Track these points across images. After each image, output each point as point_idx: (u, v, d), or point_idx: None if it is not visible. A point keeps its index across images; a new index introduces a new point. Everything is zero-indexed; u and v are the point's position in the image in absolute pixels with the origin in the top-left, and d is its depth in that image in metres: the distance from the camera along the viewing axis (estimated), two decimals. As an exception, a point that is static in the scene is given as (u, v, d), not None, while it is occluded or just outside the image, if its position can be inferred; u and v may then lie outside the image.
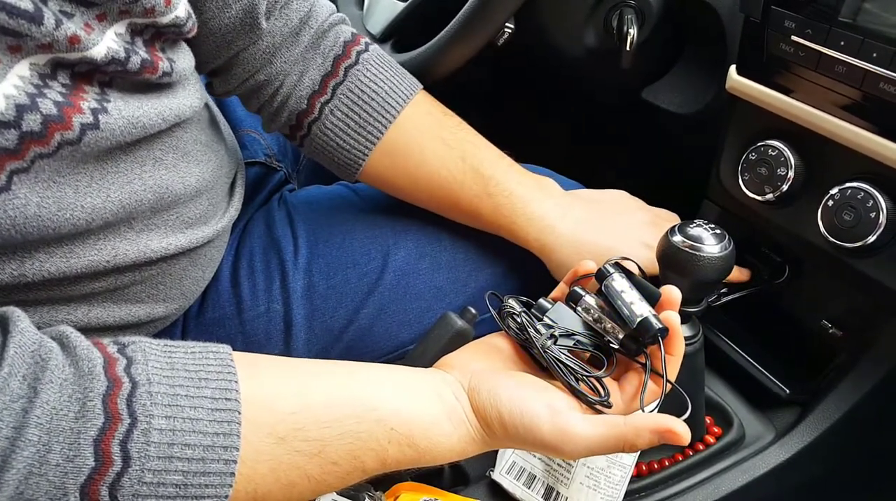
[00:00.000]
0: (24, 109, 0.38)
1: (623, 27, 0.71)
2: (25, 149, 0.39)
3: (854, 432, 0.64)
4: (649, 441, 0.44)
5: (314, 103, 0.61)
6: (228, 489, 0.38)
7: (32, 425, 0.34)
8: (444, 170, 0.64)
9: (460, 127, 0.66)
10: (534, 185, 0.65)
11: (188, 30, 0.50)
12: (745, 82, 0.61)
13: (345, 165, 0.64)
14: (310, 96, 0.61)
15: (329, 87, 0.61)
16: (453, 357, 0.51)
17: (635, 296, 0.48)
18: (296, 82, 0.61)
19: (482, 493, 0.63)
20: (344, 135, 0.62)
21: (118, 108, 0.43)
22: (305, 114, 0.62)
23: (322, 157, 0.65)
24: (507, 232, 0.65)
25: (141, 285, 0.54)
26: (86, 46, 0.40)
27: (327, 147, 0.63)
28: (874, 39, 0.51)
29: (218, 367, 0.40)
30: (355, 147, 0.62)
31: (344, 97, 0.61)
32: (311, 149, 0.64)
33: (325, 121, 0.62)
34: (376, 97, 0.62)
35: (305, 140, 0.64)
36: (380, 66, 0.63)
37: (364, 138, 0.62)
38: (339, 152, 0.63)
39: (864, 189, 0.54)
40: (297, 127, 0.63)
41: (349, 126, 0.62)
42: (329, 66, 0.61)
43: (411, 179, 0.64)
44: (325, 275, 0.65)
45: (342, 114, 0.62)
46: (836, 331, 0.64)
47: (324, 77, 0.61)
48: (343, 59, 0.62)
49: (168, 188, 0.51)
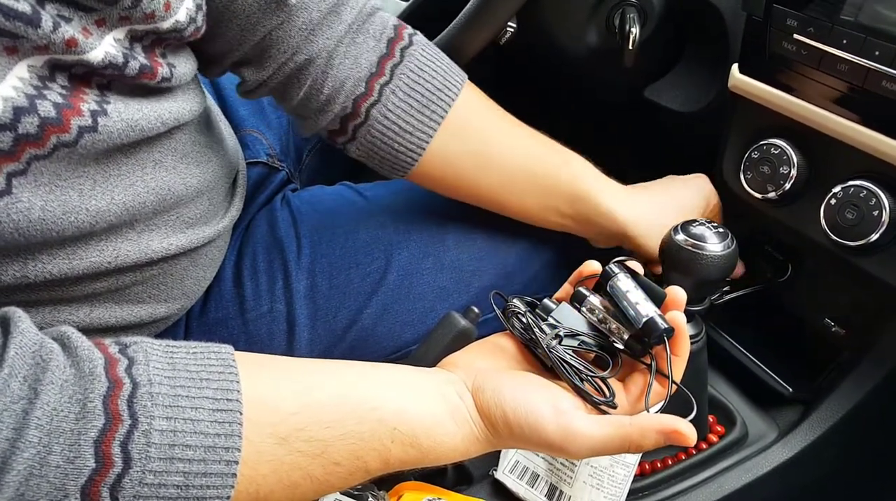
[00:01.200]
0: (21, 112, 0.37)
1: (625, 26, 0.71)
2: (21, 150, 0.39)
3: (857, 430, 0.64)
4: (655, 441, 0.44)
5: (372, 85, 0.57)
6: (230, 490, 0.38)
7: (33, 426, 0.34)
8: (513, 143, 0.62)
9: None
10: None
11: (190, 34, 0.49)
12: (747, 80, 0.61)
13: (406, 151, 0.60)
14: (368, 78, 0.57)
15: (386, 68, 0.58)
16: (457, 356, 0.51)
17: (640, 296, 0.48)
18: (351, 65, 0.57)
19: (485, 492, 0.63)
20: (407, 115, 0.58)
21: (118, 111, 0.43)
22: (364, 98, 0.58)
23: (378, 147, 0.60)
24: (584, 202, 0.63)
25: (142, 285, 0.54)
26: (83, 50, 0.40)
27: (387, 132, 0.59)
28: (876, 37, 0.51)
29: (219, 367, 0.40)
30: (418, 128, 0.59)
31: (404, 76, 0.58)
32: (365, 140, 0.59)
33: (385, 103, 0.58)
34: (436, 76, 0.60)
35: (360, 130, 0.59)
36: (432, 49, 0.62)
37: (428, 117, 0.59)
38: (401, 136, 0.59)
39: (867, 187, 0.54)
40: (351, 115, 0.58)
41: (411, 106, 0.58)
42: (384, 47, 0.58)
43: (479, 158, 0.61)
44: (327, 275, 0.65)
45: (404, 95, 0.58)
46: (839, 330, 0.64)
47: (380, 58, 0.58)
48: (397, 41, 0.59)
49: (170, 189, 0.51)
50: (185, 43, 0.51)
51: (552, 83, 1.00)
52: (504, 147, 0.62)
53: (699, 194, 0.69)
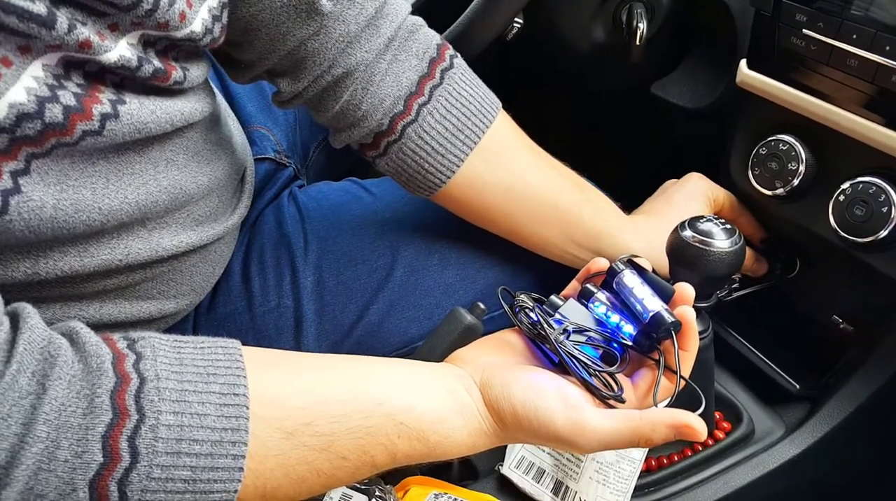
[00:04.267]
0: (25, 118, 0.37)
1: (632, 21, 0.71)
2: (17, 149, 0.39)
3: (864, 428, 0.64)
4: (665, 435, 0.43)
5: (411, 104, 0.57)
6: (237, 483, 0.38)
7: (41, 421, 0.34)
8: (540, 175, 0.62)
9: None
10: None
11: (206, 44, 0.48)
12: (755, 76, 0.60)
13: (436, 172, 0.59)
14: (407, 97, 0.57)
15: (426, 89, 0.58)
16: (465, 352, 0.52)
17: (647, 292, 0.48)
18: (392, 83, 0.56)
19: (491, 487, 0.64)
20: (441, 138, 0.58)
21: (130, 113, 0.43)
22: (401, 116, 0.57)
23: (408, 166, 0.59)
24: (605, 240, 0.64)
25: (152, 282, 0.54)
26: (97, 52, 0.40)
27: (419, 152, 0.58)
28: (887, 32, 0.50)
29: (226, 362, 0.40)
30: (451, 151, 0.59)
31: (442, 99, 0.58)
32: (396, 157, 0.59)
33: (421, 123, 0.58)
34: (473, 101, 0.60)
35: (392, 147, 0.58)
36: (470, 73, 0.62)
37: (461, 142, 0.59)
38: (432, 157, 0.59)
39: (876, 183, 0.54)
40: (386, 132, 0.58)
41: (447, 128, 0.58)
42: (425, 67, 0.58)
43: (507, 187, 0.61)
44: (334, 271, 0.65)
45: (440, 117, 0.58)
46: (847, 327, 0.64)
47: (421, 78, 0.57)
48: (438, 62, 0.59)
49: (182, 188, 0.52)
50: (207, 50, 0.51)
51: (559, 79, 1.00)
52: (532, 178, 0.62)
53: (699, 195, 0.68)
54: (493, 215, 0.63)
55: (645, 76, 0.80)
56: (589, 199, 0.64)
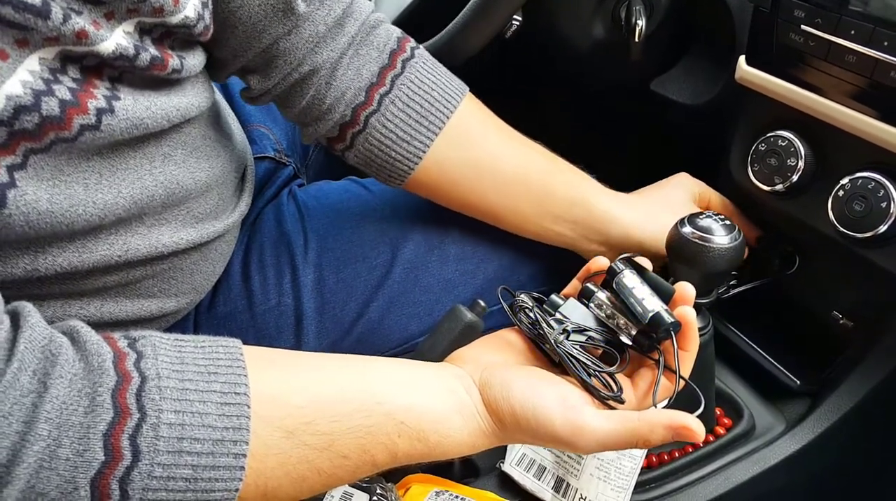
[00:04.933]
0: (22, 111, 0.38)
1: (631, 18, 0.71)
2: (15, 144, 0.39)
3: (864, 423, 0.64)
4: (663, 437, 0.44)
5: (372, 94, 0.58)
6: (238, 482, 0.38)
7: (42, 420, 0.34)
8: (508, 152, 0.63)
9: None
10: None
11: (199, 32, 0.48)
12: (754, 72, 0.60)
13: (403, 159, 0.60)
14: (368, 87, 0.58)
15: (387, 79, 0.59)
16: (465, 351, 0.52)
17: (646, 292, 0.48)
18: (353, 76, 0.58)
19: (492, 485, 0.64)
20: (405, 125, 0.59)
21: (125, 109, 0.43)
22: (363, 107, 0.59)
23: (375, 155, 0.61)
24: (581, 206, 0.64)
25: (152, 280, 0.54)
26: (93, 41, 0.40)
27: (385, 141, 0.59)
28: (885, 28, 0.50)
29: (227, 361, 0.40)
30: (416, 137, 0.60)
31: (404, 87, 0.59)
32: (363, 147, 0.60)
33: (384, 112, 0.59)
34: (436, 87, 0.60)
35: (358, 138, 0.60)
36: (433, 62, 0.62)
37: (426, 128, 0.60)
38: (398, 145, 0.60)
39: (875, 179, 0.54)
40: (350, 124, 0.59)
41: (410, 116, 0.59)
42: (386, 58, 0.59)
43: (475, 168, 0.62)
44: (334, 269, 0.65)
45: (403, 105, 0.59)
46: (847, 322, 0.64)
47: (381, 69, 0.59)
48: (399, 53, 0.60)
49: (178, 183, 0.52)
50: (197, 41, 0.51)
51: (558, 76, 0.99)
52: (500, 154, 0.63)
53: (684, 190, 0.69)
54: (466, 196, 0.64)
55: (644, 73, 0.80)
56: (561, 171, 0.65)
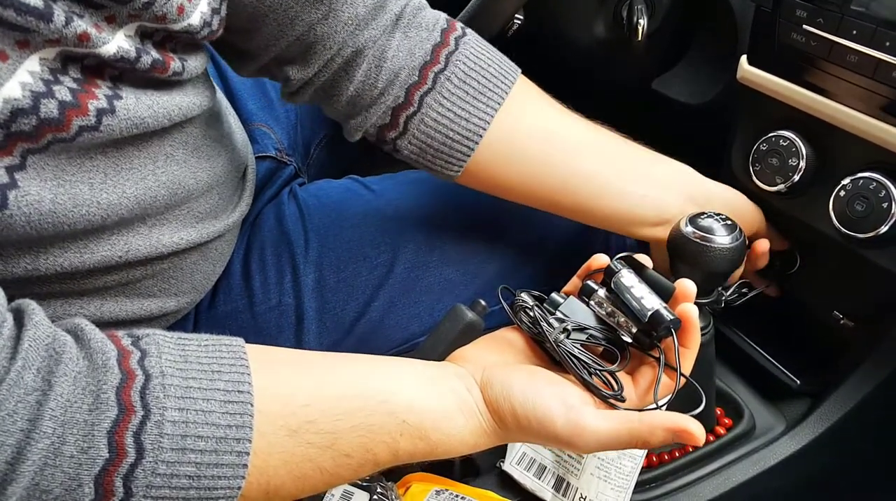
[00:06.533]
0: (20, 114, 0.37)
1: (633, 17, 0.71)
2: (12, 144, 0.39)
3: (865, 423, 0.64)
4: (663, 439, 0.44)
5: (426, 73, 0.55)
6: (241, 480, 0.38)
7: (47, 417, 0.34)
8: (574, 121, 0.60)
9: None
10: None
11: (203, 37, 0.48)
12: (756, 72, 0.60)
13: (463, 139, 0.57)
14: (422, 66, 0.55)
15: (441, 56, 0.56)
16: (466, 350, 0.52)
17: (645, 291, 0.48)
18: (406, 56, 0.55)
19: (492, 484, 0.64)
20: (462, 102, 0.56)
21: (126, 108, 0.43)
22: (417, 86, 0.55)
23: (433, 138, 0.57)
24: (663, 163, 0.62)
25: (153, 279, 0.54)
26: (95, 44, 0.40)
27: (442, 121, 0.56)
28: (887, 28, 0.50)
29: (231, 360, 0.40)
30: (475, 114, 0.56)
31: (460, 64, 0.56)
32: (418, 131, 0.57)
33: (440, 90, 0.56)
34: (492, 64, 0.58)
35: (412, 121, 0.56)
36: (484, 42, 0.60)
37: (484, 104, 0.56)
38: (457, 124, 0.56)
39: (877, 179, 0.54)
40: (403, 106, 0.56)
41: (467, 93, 0.56)
42: (438, 36, 0.56)
43: (543, 138, 0.59)
44: (335, 269, 0.65)
45: (459, 82, 0.56)
46: (848, 322, 0.64)
47: (434, 47, 0.56)
48: (450, 31, 0.57)
49: (181, 183, 0.52)
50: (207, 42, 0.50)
51: (559, 75, 0.99)
52: (566, 124, 0.60)
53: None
54: (534, 173, 0.59)
55: (646, 72, 0.80)
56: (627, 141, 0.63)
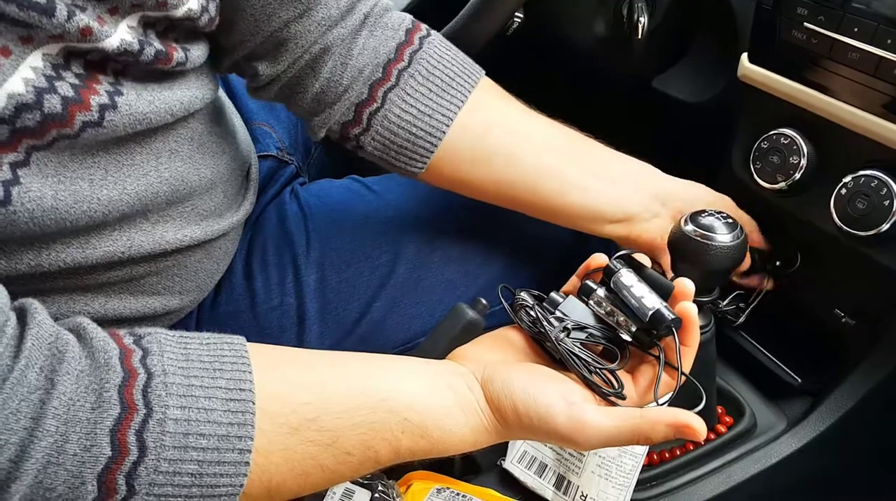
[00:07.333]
0: (24, 109, 0.38)
1: (633, 15, 0.71)
2: (17, 141, 0.39)
3: (866, 422, 0.64)
4: (664, 434, 0.43)
5: (391, 70, 0.56)
6: (243, 478, 0.39)
7: (50, 416, 0.34)
8: (538, 120, 0.62)
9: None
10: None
11: (203, 24, 0.48)
12: (757, 70, 0.60)
13: (426, 135, 0.57)
14: (386, 63, 0.57)
15: (405, 55, 0.57)
16: (466, 349, 0.52)
17: (645, 290, 0.48)
18: (370, 54, 0.56)
19: (493, 482, 0.64)
20: (426, 98, 0.57)
21: (128, 104, 0.43)
22: (381, 83, 0.57)
23: (395, 135, 0.58)
24: (622, 161, 0.63)
25: (156, 277, 0.55)
26: (98, 38, 0.40)
27: (405, 117, 0.57)
28: (889, 25, 0.50)
29: (232, 358, 0.40)
30: (437, 110, 0.57)
31: (423, 62, 0.57)
32: (381, 127, 0.58)
33: (403, 86, 0.57)
34: (456, 63, 0.59)
35: (375, 117, 0.57)
36: (448, 42, 0.61)
37: (448, 101, 0.57)
38: (420, 120, 0.57)
39: (878, 177, 0.54)
40: (367, 102, 0.57)
41: (430, 90, 0.57)
42: (403, 35, 0.58)
43: (508, 134, 0.60)
44: (337, 269, 0.65)
45: (422, 79, 0.57)
46: (849, 320, 0.64)
47: (399, 45, 0.57)
48: (415, 31, 0.59)
49: (184, 180, 0.52)
50: (201, 32, 0.51)
51: (560, 74, 0.99)
52: (530, 122, 0.61)
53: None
54: (500, 170, 0.60)
55: (646, 71, 0.80)
56: (589, 138, 0.64)
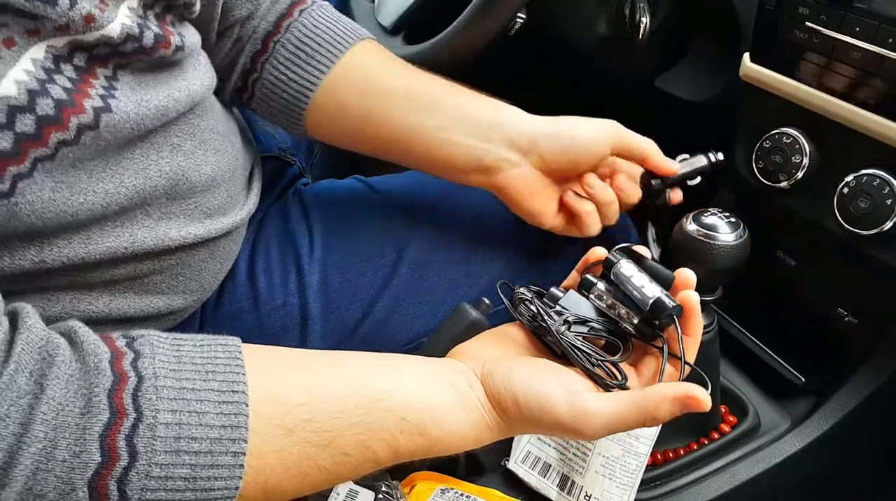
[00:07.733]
0: (17, 110, 0.38)
1: (635, 15, 0.71)
2: (23, 154, 0.39)
3: (869, 421, 0.64)
4: (670, 410, 0.42)
5: (268, 42, 0.63)
6: (238, 481, 0.38)
7: (38, 421, 0.34)
8: (414, 74, 0.64)
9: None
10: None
11: (198, 9, 0.51)
12: (759, 69, 0.60)
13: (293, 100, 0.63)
14: (264, 36, 0.63)
15: (283, 26, 0.63)
16: (465, 346, 0.52)
17: (645, 280, 0.48)
18: (253, 29, 0.63)
19: (497, 482, 0.64)
20: (294, 66, 0.63)
21: (121, 107, 0.44)
22: (260, 54, 0.64)
23: (272, 100, 0.64)
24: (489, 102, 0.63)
25: (161, 275, 0.55)
26: (101, 24, 0.40)
27: (277, 83, 0.63)
28: (890, 24, 0.50)
29: (226, 360, 0.40)
30: (303, 76, 0.63)
31: (295, 31, 0.63)
32: (260, 93, 0.64)
33: (275, 55, 0.63)
34: (329, 31, 0.64)
35: (256, 85, 0.64)
36: (334, 13, 0.66)
37: (314, 67, 0.63)
38: (289, 86, 0.63)
39: (880, 176, 0.54)
40: (250, 71, 0.64)
41: (299, 57, 0.63)
42: (284, 8, 0.64)
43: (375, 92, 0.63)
44: (339, 269, 0.65)
45: (293, 47, 0.63)
46: (852, 319, 0.63)
47: (278, 18, 0.64)
48: (298, 4, 0.65)
49: (183, 175, 0.52)
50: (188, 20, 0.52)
51: (562, 73, 0.99)
52: (401, 76, 0.63)
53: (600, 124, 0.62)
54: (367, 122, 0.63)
55: (648, 70, 0.79)
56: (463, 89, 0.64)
